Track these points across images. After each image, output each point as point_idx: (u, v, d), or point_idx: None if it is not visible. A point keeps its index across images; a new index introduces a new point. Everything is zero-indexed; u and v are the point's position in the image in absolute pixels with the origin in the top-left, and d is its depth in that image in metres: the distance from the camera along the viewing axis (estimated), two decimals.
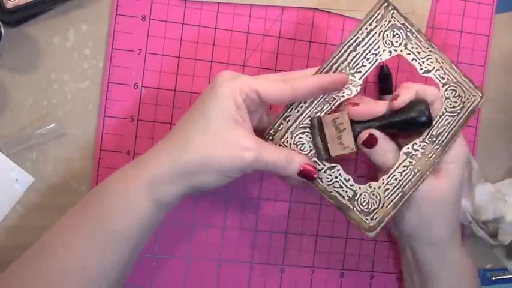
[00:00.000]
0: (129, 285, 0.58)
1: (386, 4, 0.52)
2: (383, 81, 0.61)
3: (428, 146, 0.53)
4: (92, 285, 0.47)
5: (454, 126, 0.53)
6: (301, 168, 0.50)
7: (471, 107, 0.54)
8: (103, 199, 0.48)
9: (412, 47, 0.53)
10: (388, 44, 0.52)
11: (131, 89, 0.58)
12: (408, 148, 0.52)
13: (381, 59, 0.52)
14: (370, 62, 0.52)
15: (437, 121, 0.53)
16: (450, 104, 0.53)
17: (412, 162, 0.52)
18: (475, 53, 0.63)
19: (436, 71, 0.53)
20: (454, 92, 0.53)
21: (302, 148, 0.52)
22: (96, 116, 0.57)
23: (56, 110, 0.57)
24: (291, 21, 0.60)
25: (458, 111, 0.53)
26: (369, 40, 0.52)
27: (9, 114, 0.56)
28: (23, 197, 0.56)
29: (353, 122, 0.51)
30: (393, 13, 0.52)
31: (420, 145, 0.53)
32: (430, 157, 0.53)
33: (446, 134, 0.53)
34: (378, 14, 0.52)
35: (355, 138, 0.51)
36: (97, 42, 0.57)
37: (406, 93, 0.52)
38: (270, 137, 0.52)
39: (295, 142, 0.52)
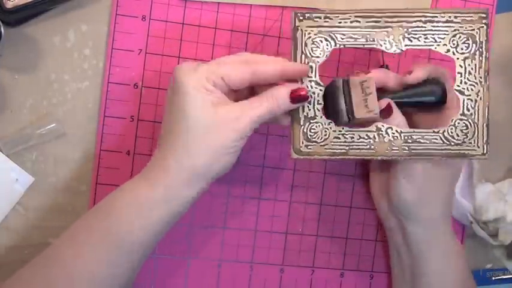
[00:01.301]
0: None
1: (484, 15, 0.52)
2: None
3: None
4: None
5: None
6: (292, 95, 0.50)
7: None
8: (114, 212, 0.48)
9: (469, 65, 0.52)
10: (454, 44, 0.52)
11: (131, 89, 0.58)
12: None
13: (435, 48, 0.52)
14: (425, 43, 0.52)
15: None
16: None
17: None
18: None
19: (468, 98, 0.52)
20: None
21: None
22: (96, 116, 0.57)
23: (56, 110, 0.57)
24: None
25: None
26: (442, 26, 0.52)
27: (9, 114, 0.56)
28: (23, 197, 0.56)
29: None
30: (482, 27, 0.52)
31: None
32: None
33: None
34: (470, 16, 0.52)
35: None
36: (97, 42, 0.57)
37: (420, 69, 0.52)
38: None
39: None
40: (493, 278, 0.67)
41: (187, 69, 0.49)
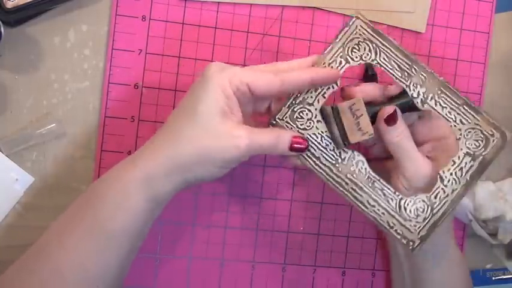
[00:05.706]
0: (131, 285, 0.57)
1: (505, 137, 0.52)
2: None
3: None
4: (90, 286, 0.47)
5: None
6: (291, 142, 0.50)
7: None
8: (98, 199, 0.48)
9: (466, 163, 0.52)
10: (467, 135, 0.52)
11: (132, 89, 0.58)
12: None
13: (451, 125, 0.52)
14: (446, 116, 0.52)
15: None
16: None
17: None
18: (475, 50, 0.64)
19: (442, 187, 0.52)
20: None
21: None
22: (96, 116, 0.57)
23: (56, 110, 0.57)
24: (291, 20, 0.60)
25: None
26: (469, 113, 0.52)
27: (9, 114, 0.56)
28: (23, 197, 0.56)
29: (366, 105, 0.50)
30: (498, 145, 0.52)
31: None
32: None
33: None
34: (494, 126, 0.53)
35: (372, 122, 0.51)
36: (97, 42, 0.57)
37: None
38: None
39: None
40: (493, 278, 0.67)
41: (217, 67, 0.48)
